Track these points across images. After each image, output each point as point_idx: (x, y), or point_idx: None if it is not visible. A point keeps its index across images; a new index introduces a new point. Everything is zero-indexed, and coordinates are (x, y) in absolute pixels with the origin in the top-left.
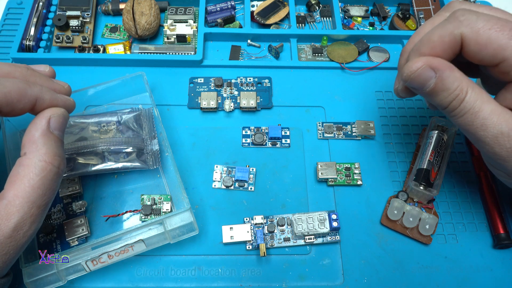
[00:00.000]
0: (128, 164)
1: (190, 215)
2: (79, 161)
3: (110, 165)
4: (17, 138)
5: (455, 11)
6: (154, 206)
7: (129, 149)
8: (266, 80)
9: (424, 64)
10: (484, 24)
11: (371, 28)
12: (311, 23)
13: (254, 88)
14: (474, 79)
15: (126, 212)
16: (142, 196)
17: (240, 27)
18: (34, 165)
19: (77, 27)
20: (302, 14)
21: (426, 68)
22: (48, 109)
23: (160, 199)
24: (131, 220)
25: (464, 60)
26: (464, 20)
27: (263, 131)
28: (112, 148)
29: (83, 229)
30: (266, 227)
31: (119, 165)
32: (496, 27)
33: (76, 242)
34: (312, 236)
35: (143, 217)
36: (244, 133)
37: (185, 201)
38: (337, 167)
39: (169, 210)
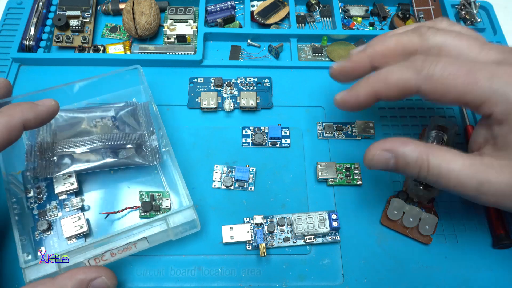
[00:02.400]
0: (127, 160)
1: (193, 212)
2: (76, 158)
3: (108, 161)
4: None
5: (414, 58)
6: (154, 203)
7: (128, 146)
8: (266, 80)
9: (377, 149)
10: (440, 74)
11: (371, 28)
12: (311, 23)
13: (254, 88)
14: None
15: (125, 208)
16: (141, 193)
17: (240, 27)
18: None
19: (77, 27)
20: (302, 14)
21: (380, 152)
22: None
23: (159, 195)
24: (130, 217)
25: None
26: (423, 69)
27: (263, 131)
28: (110, 143)
29: (82, 226)
30: (266, 227)
31: (118, 161)
32: (452, 72)
33: (74, 240)
34: (312, 236)
35: (142, 214)
36: (244, 133)
37: (187, 198)
38: (337, 167)
39: (169, 207)
